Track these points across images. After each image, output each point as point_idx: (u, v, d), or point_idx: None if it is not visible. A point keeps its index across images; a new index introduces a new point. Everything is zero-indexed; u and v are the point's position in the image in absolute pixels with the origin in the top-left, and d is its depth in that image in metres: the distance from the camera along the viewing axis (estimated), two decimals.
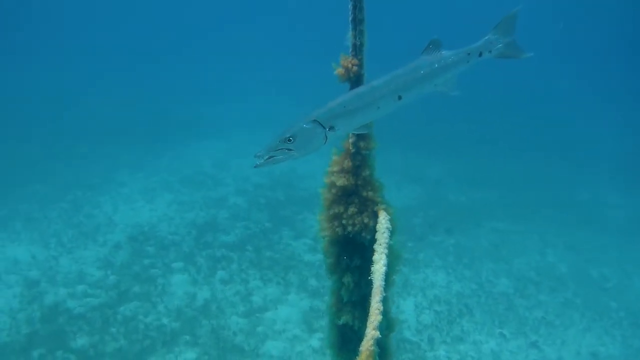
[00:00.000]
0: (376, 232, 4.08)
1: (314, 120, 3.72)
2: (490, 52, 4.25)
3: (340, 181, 4.36)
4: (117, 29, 50.36)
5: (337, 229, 4.41)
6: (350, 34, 4.05)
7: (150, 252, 12.39)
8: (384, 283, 3.44)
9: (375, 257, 3.71)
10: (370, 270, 3.64)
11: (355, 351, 3.10)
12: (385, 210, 4.40)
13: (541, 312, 11.21)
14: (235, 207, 15.26)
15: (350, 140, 4.33)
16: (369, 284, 4.40)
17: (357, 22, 3.98)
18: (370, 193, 4.40)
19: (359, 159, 4.35)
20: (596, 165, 21.33)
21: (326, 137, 3.78)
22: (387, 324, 4.20)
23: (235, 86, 34.19)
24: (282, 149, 3.65)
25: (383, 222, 4.16)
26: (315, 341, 9.70)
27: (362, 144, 4.34)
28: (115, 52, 41.67)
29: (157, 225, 13.77)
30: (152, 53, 42.78)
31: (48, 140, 20.26)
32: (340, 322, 4.53)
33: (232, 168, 18.39)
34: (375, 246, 3.86)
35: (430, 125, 24.15)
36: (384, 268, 3.57)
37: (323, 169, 4.39)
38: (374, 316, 3.15)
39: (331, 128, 3.74)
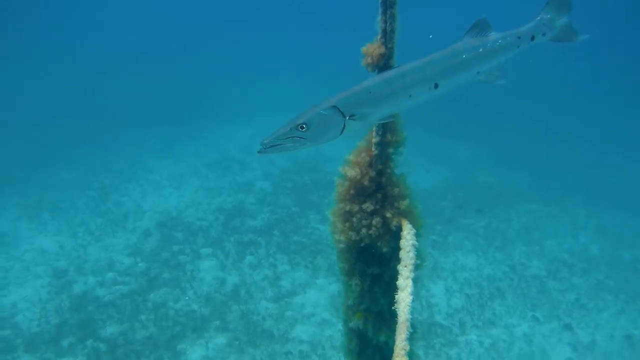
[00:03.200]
0: (400, 249, 3.56)
1: (333, 106, 3.26)
2: (544, 34, 3.69)
3: (352, 172, 3.92)
4: (144, 15, 50.42)
5: (350, 233, 3.99)
6: (379, 17, 3.55)
7: (179, 238, 12.43)
8: (410, 316, 2.93)
9: (400, 282, 3.20)
10: (389, 278, 3.33)
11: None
12: (410, 220, 3.87)
13: (574, 294, 10.97)
14: (261, 191, 15.22)
15: (374, 140, 3.85)
16: (386, 293, 4.13)
17: (388, 4, 3.49)
18: (395, 190, 3.94)
19: (382, 160, 3.91)
20: (628, 148, 20.76)
21: (344, 127, 3.32)
22: None
23: (261, 70, 34.06)
24: (292, 136, 3.24)
25: (408, 237, 3.63)
26: None
27: (389, 137, 3.86)
28: (140, 39, 41.84)
29: (185, 211, 13.81)
30: (178, 39, 42.86)
31: (74, 127, 20.44)
32: (351, 324, 4.30)
33: None
34: (400, 268, 3.35)
35: (456, 106, 23.76)
36: (410, 298, 3.06)
37: (350, 152, 4.01)
38: (399, 358, 2.72)
39: (352, 116, 3.28)
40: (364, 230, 3.93)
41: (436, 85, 3.47)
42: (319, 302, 10.26)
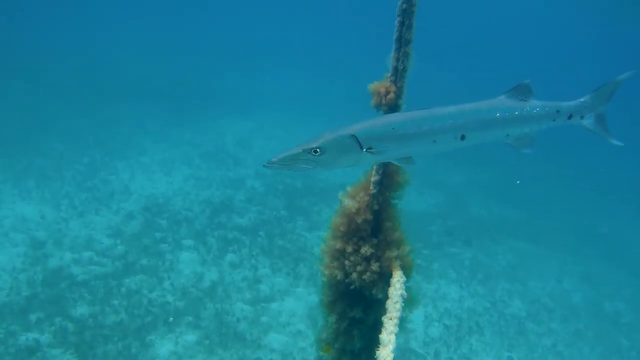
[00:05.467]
0: (388, 297, 3.40)
1: (352, 135, 3.13)
2: (582, 117, 3.67)
3: (350, 204, 3.76)
4: None
5: (335, 271, 3.82)
6: (392, 55, 3.43)
7: (162, 225, 12.18)
8: None
9: (383, 337, 3.00)
10: (373, 328, 3.13)
11: None
12: (402, 267, 3.72)
13: (551, 340, 10.88)
14: (252, 190, 15.01)
15: (373, 179, 3.69)
16: (365, 337, 3.94)
17: (403, 42, 3.35)
18: (394, 235, 3.80)
19: (379, 200, 3.75)
20: (621, 194, 20.81)
21: (359, 159, 3.19)
22: None
23: (269, 62, 33.86)
24: (304, 159, 3.12)
25: (397, 286, 3.48)
26: None
27: (389, 179, 3.70)
28: (147, 13, 41.45)
29: (172, 199, 13.56)
30: (187, 19, 42.55)
31: (72, 98, 20.05)
32: (321, 353, 4.16)
33: (255, 149, 18.16)
34: (384, 320, 3.15)
35: None
36: (392, 356, 2.85)
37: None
38: None
39: (369, 149, 3.15)
40: (355, 275, 3.75)
41: (463, 137, 3.36)
42: (296, 312, 10.06)
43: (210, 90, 24.98)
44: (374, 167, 3.71)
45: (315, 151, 3.08)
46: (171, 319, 9.22)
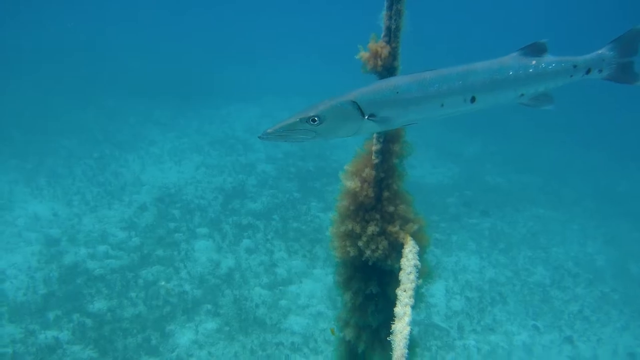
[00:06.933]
0: (401, 268, 3.21)
1: (352, 101, 2.90)
2: (600, 71, 3.38)
3: (351, 184, 3.61)
4: None
5: (349, 249, 3.69)
6: (383, 13, 3.21)
7: (176, 215, 12.09)
8: (407, 351, 2.60)
9: (398, 310, 2.84)
10: (391, 302, 2.97)
11: None
12: (415, 233, 3.52)
13: (577, 306, 10.64)
14: (263, 174, 14.86)
15: (375, 148, 3.49)
16: (384, 311, 3.78)
17: None
18: (399, 207, 3.60)
19: (383, 169, 3.56)
20: (633, 152, 20.35)
21: (361, 127, 2.96)
22: None
23: (273, 47, 33.58)
24: (301, 129, 2.89)
25: (410, 256, 3.28)
26: None
27: (392, 148, 3.49)
28: (151, 7, 41.27)
29: (184, 188, 13.47)
30: (191, 9, 42.30)
31: (79, 92, 20.04)
32: (343, 335, 4.00)
33: None
34: (398, 292, 2.99)
35: None
36: (408, 329, 2.70)
37: (359, 140, 3.61)
38: None
39: (371, 116, 2.92)
40: (368, 252, 3.62)
41: (473, 99, 3.10)
42: (314, 293, 9.94)
43: (216, 80, 24.87)
44: (374, 135, 3.49)
45: (314, 120, 2.86)
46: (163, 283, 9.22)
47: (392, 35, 3.23)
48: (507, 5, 53.25)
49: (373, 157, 3.54)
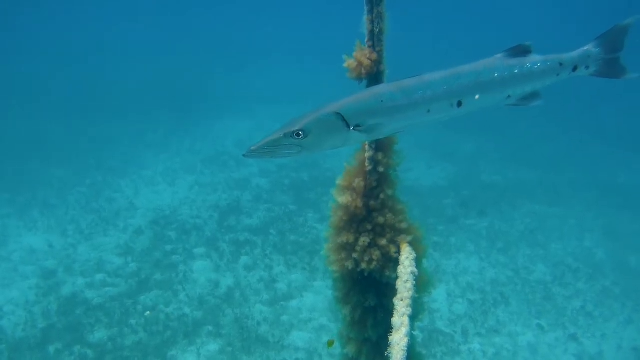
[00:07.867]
0: (397, 277, 3.15)
1: (336, 112, 2.83)
2: (587, 68, 3.34)
3: (344, 199, 3.58)
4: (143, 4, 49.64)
5: (346, 263, 3.63)
6: (365, 17, 3.15)
7: (172, 237, 12.03)
8: None
9: (395, 320, 2.75)
10: (390, 314, 2.87)
11: None
12: (411, 242, 3.49)
13: (580, 301, 10.58)
14: (258, 188, 14.82)
15: (367, 155, 3.47)
16: (383, 324, 3.74)
17: (375, 2, 3.07)
18: (389, 217, 3.56)
19: (375, 178, 3.53)
20: (630, 143, 20.32)
21: (347, 139, 2.91)
22: None
23: (261, 56, 33.57)
24: (286, 144, 2.82)
25: (407, 263, 3.21)
26: None
27: (382, 157, 3.47)
28: (140, 27, 41.28)
29: (178, 209, 13.40)
30: (179, 25, 42.35)
31: (70, 119, 19.93)
32: (345, 351, 3.95)
33: None
34: (395, 301, 2.91)
35: None
36: (406, 340, 2.60)
37: (350, 148, 3.53)
38: None
39: (357, 127, 2.86)
40: (364, 265, 3.57)
41: (460, 104, 3.06)
42: (316, 306, 9.88)
43: (205, 94, 24.75)
44: (366, 142, 3.46)
45: (298, 134, 2.79)
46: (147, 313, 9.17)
47: (375, 39, 3.19)
48: (498, 3, 53.42)
49: (366, 164, 3.50)
